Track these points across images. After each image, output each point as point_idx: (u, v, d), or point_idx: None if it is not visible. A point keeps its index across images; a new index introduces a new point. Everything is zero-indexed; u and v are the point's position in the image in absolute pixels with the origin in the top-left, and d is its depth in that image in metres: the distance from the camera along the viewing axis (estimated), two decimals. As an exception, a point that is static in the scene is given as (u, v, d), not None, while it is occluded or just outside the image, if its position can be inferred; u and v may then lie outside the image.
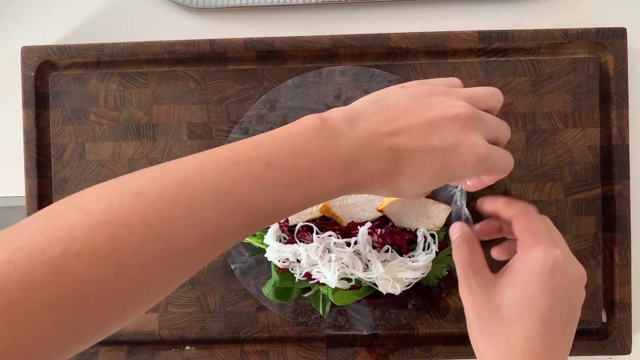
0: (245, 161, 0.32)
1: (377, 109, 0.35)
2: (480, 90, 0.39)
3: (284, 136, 0.34)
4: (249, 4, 0.52)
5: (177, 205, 0.30)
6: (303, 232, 0.47)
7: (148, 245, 0.29)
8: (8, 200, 0.55)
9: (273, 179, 0.32)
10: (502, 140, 0.39)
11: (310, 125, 0.34)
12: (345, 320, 0.51)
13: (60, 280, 0.27)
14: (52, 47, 0.51)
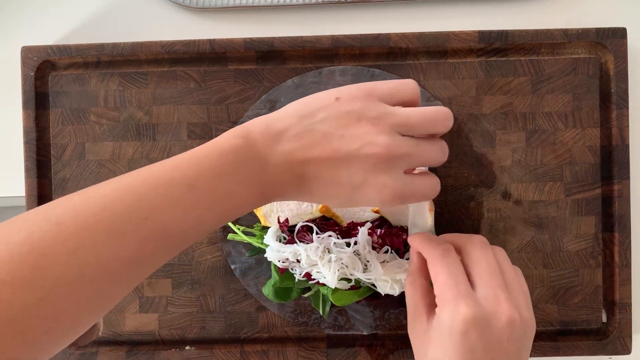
0: (163, 184, 0.33)
1: (299, 130, 0.36)
2: (418, 117, 0.37)
3: (204, 157, 0.34)
4: (249, 4, 0.52)
5: (97, 233, 0.31)
6: (303, 232, 0.47)
7: (71, 272, 0.30)
8: (8, 200, 0.55)
9: (192, 203, 0.33)
10: (433, 164, 0.38)
11: (231, 148, 0.35)
12: (345, 320, 0.51)
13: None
14: (52, 47, 0.51)
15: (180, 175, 0.33)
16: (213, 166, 0.34)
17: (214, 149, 0.35)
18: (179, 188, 0.33)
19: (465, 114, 0.51)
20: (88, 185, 0.51)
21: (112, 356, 0.51)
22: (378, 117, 0.35)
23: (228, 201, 0.35)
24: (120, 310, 0.51)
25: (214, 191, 0.34)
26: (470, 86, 0.51)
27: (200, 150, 0.35)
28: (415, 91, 0.38)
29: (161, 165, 0.34)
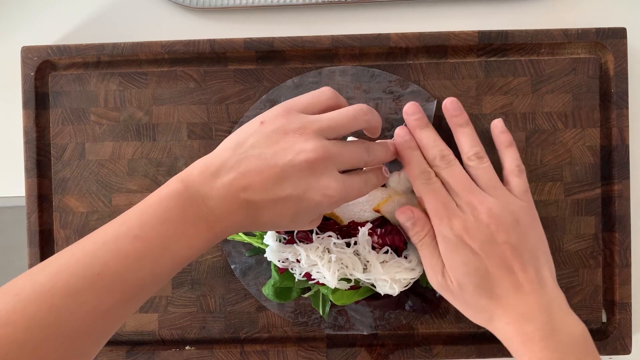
0: (112, 239, 0.34)
1: (235, 160, 0.37)
2: (340, 118, 0.40)
3: (148, 207, 0.36)
4: (249, 4, 0.52)
5: (55, 295, 0.32)
6: (303, 232, 0.47)
7: (33, 336, 0.31)
8: (8, 200, 0.55)
9: (142, 251, 0.34)
10: (373, 162, 0.43)
11: (171, 193, 0.36)
12: (345, 320, 0.51)
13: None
14: (52, 47, 0.51)
15: (127, 228, 0.35)
16: (157, 214, 0.35)
17: (156, 198, 0.36)
18: (126, 240, 0.34)
19: (465, 114, 0.51)
20: (88, 185, 0.51)
21: (112, 356, 0.51)
22: (302, 127, 0.38)
23: (178, 243, 0.36)
24: (120, 310, 0.51)
25: (161, 237, 0.35)
26: (470, 86, 0.51)
27: (144, 202, 0.37)
28: (332, 96, 0.41)
29: (110, 223, 0.36)
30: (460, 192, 0.44)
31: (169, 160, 0.51)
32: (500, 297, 0.42)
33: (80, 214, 0.51)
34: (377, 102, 0.50)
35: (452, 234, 0.43)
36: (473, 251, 0.42)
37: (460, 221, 0.43)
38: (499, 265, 0.42)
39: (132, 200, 0.51)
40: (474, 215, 0.43)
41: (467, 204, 0.43)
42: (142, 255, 0.34)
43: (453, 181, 0.44)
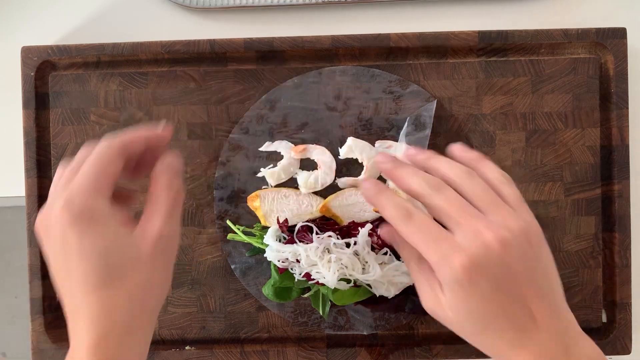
0: None
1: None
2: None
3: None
4: (249, 4, 0.52)
5: None
6: (303, 232, 0.47)
7: None
8: (8, 200, 0.55)
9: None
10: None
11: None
12: (345, 320, 0.51)
13: None
14: (52, 47, 0.51)
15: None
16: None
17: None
18: None
19: (465, 114, 0.51)
20: (88, 185, 0.51)
21: (112, 356, 0.51)
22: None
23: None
24: (120, 310, 0.51)
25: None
26: (470, 86, 0.51)
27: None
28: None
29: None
30: (459, 217, 0.35)
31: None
32: (513, 339, 0.35)
33: (80, 214, 0.51)
34: (377, 102, 0.50)
35: (455, 276, 0.34)
36: (482, 294, 0.35)
37: (464, 257, 0.34)
38: (514, 301, 0.35)
39: (132, 200, 0.51)
40: (483, 246, 0.34)
41: (470, 232, 0.35)
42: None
43: (448, 207, 0.36)
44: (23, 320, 0.53)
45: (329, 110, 0.50)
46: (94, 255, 0.35)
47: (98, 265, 0.35)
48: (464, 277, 0.34)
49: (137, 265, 0.36)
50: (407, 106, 0.50)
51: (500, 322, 0.35)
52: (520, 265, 0.35)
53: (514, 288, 0.35)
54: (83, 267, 0.34)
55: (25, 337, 0.52)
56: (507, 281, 0.35)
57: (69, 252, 0.35)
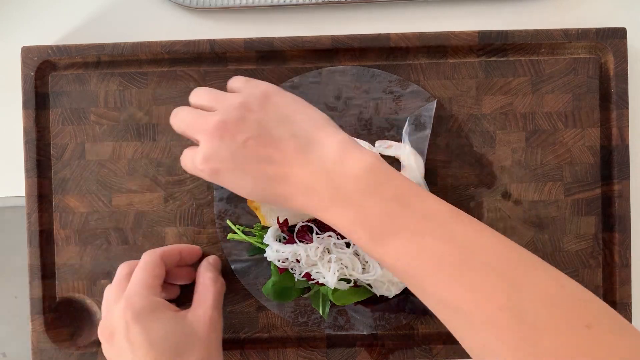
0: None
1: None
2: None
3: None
4: (249, 4, 0.52)
5: None
6: (303, 232, 0.47)
7: None
8: (8, 200, 0.55)
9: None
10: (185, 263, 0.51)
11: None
12: (345, 320, 0.51)
13: None
14: (52, 47, 0.51)
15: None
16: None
17: None
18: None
19: (465, 114, 0.51)
20: (88, 185, 0.51)
21: (112, 356, 0.51)
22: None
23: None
24: (120, 310, 0.51)
25: None
26: (470, 86, 0.51)
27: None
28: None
29: None
30: (194, 124, 0.41)
31: (169, 160, 0.51)
32: (279, 194, 0.39)
33: (80, 214, 0.51)
34: (377, 102, 0.50)
35: (199, 169, 0.40)
36: (230, 178, 0.40)
37: (200, 156, 0.40)
38: (260, 165, 0.39)
39: (132, 200, 0.51)
40: (208, 139, 0.40)
41: (200, 134, 0.40)
42: None
43: (188, 122, 0.42)
44: (23, 320, 0.53)
45: (329, 110, 0.50)
46: (160, 341, 0.41)
47: (164, 349, 0.41)
48: (209, 173, 0.40)
49: (196, 343, 0.42)
50: (407, 106, 0.50)
51: (263, 187, 0.39)
52: (244, 132, 0.39)
53: (249, 154, 0.39)
54: (152, 354, 0.40)
55: (25, 337, 0.52)
56: (239, 152, 0.39)
57: (135, 345, 0.40)
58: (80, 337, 0.52)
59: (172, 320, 0.42)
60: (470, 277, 0.34)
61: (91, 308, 0.52)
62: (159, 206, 0.51)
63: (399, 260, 0.35)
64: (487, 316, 0.32)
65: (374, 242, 0.36)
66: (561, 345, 0.31)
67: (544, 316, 0.32)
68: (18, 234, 0.54)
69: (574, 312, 0.32)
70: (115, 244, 0.51)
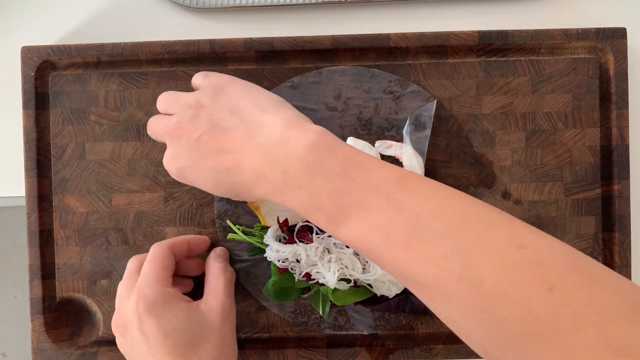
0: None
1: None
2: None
3: None
4: (249, 4, 0.52)
5: None
6: (303, 232, 0.47)
7: None
8: (8, 200, 0.55)
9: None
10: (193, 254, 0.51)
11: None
12: (345, 320, 0.51)
13: None
14: (52, 47, 0.51)
15: None
16: None
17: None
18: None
19: (465, 114, 0.51)
20: (88, 185, 0.51)
21: (112, 356, 0.51)
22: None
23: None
24: (120, 310, 0.51)
25: None
26: (470, 86, 0.51)
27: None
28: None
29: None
30: (159, 128, 0.43)
31: (169, 160, 0.51)
32: (239, 184, 0.39)
33: (80, 214, 0.51)
34: (377, 102, 0.50)
35: (171, 172, 0.43)
36: (192, 174, 0.41)
37: (166, 155, 0.42)
38: (216, 155, 0.39)
39: (132, 200, 0.51)
40: (168, 138, 0.42)
41: (162, 136, 0.43)
42: None
43: (157, 130, 0.44)
44: (23, 320, 0.53)
45: (329, 110, 0.50)
46: (174, 332, 0.40)
47: (179, 339, 0.40)
48: (175, 172, 0.42)
49: (210, 333, 0.42)
50: (407, 106, 0.50)
51: (224, 178, 0.39)
52: (197, 129, 0.40)
53: (205, 148, 0.39)
54: (167, 345, 0.40)
55: (25, 337, 0.52)
56: (196, 148, 0.40)
57: (150, 337, 0.40)
58: (80, 337, 0.52)
59: (185, 310, 0.42)
60: (421, 248, 0.31)
61: (91, 308, 0.52)
62: (159, 206, 0.51)
63: (355, 238, 0.35)
64: (445, 289, 0.31)
65: (331, 223, 0.35)
66: (520, 316, 0.28)
67: (500, 284, 0.29)
68: (18, 234, 0.54)
69: (534, 275, 0.28)
70: (115, 244, 0.51)
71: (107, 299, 0.51)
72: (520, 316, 0.28)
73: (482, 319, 0.30)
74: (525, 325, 0.28)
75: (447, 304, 0.31)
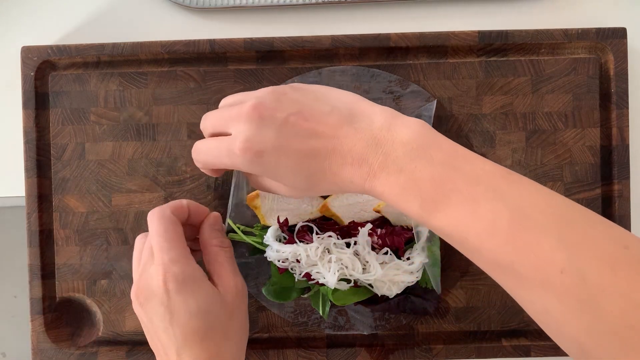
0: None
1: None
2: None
3: None
4: (249, 4, 0.52)
5: None
6: (303, 232, 0.47)
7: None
8: (8, 200, 0.55)
9: None
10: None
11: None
12: (345, 320, 0.51)
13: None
14: (52, 47, 0.51)
15: None
16: None
17: None
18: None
19: (465, 114, 0.51)
20: (88, 185, 0.51)
21: (112, 356, 0.51)
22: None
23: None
24: (120, 310, 0.51)
25: None
26: (470, 86, 0.51)
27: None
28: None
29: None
30: (219, 128, 0.40)
31: (169, 160, 0.51)
32: (331, 165, 0.37)
33: (80, 214, 0.51)
34: (377, 102, 0.50)
35: (244, 160, 0.38)
36: (275, 157, 0.37)
37: (239, 142, 0.37)
38: (307, 140, 0.37)
39: (132, 200, 0.51)
40: (244, 122, 0.37)
41: (230, 124, 0.39)
42: None
43: (209, 136, 0.41)
44: (23, 320, 0.53)
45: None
46: (200, 313, 0.40)
47: (203, 320, 0.40)
48: (253, 157, 0.37)
49: (228, 316, 0.42)
50: (407, 106, 0.50)
51: (309, 163, 0.37)
52: (284, 109, 0.37)
53: (293, 130, 0.37)
54: (191, 325, 0.40)
55: (25, 337, 0.52)
56: (283, 130, 0.37)
57: (175, 314, 0.40)
58: (80, 337, 0.52)
59: (210, 292, 0.41)
60: (526, 239, 0.32)
61: (91, 308, 0.52)
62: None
63: (452, 225, 0.34)
64: (547, 279, 0.31)
65: (426, 208, 0.35)
66: (626, 308, 0.29)
67: (606, 278, 0.30)
68: (18, 234, 0.54)
69: (638, 275, 0.30)
70: (115, 244, 0.51)
71: (107, 299, 0.51)
72: (626, 309, 0.29)
73: (583, 310, 0.30)
74: (629, 318, 0.29)
75: (545, 294, 0.32)
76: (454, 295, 0.51)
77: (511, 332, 0.51)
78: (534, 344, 0.50)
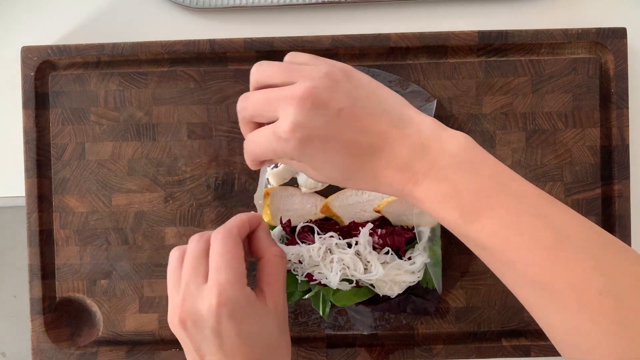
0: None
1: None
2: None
3: None
4: (249, 4, 0.52)
5: None
6: (304, 233, 0.47)
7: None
8: (8, 200, 0.55)
9: None
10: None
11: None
12: (345, 320, 0.51)
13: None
14: (52, 47, 0.51)
15: None
16: None
17: None
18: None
19: (465, 114, 0.51)
20: (88, 185, 0.51)
21: (112, 356, 0.51)
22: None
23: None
24: (120, 310, 0.51)
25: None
26: (470, 86, 0.51)
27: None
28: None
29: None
30: (270, 101, 0.37)
31: (169, 160, 0.51)
32: (373, 167, 0.37)
33: (80, 214, 0.51)
34: (377, 102, 0.50)
35: (290, 147, 0.36)
36: (321, 145, 0.36)
37: (287, 124, 0.36)
38: (351, 135, 0.36)
39: (132, 200, 0.51)
40: (296, 105, 0.36)
41: (282, 102, 0.37)
42: None
43: (259, 103, 0.38)
44: (23, 320, 0.53)
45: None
46: (251, 338, 0.39)
47: (257, 346, 0.39)
48: (297, 143, 0.36)
49: (278, 332, 0.41)
50: (407, 106, 0.50)
51: (352, 160, 0.37)
52: (337, 101, 0.36)
53: (343, 123, 0.36)
54: (243, 351, 0.38)
55: (25, 337, 0.52)
56: (333, 121, 0.36)
57: (225, 340, 0.38)
58: (80, 337, 0.52)
59: (262, 313, 0.40)
60: (565, 259, 0.33)
61: (91, 308, 0.52)
62: (159, 206, 0.51)
63: (490, 235, 0.35)
64: (584, 299, 0.32)
65: (466, 217, 0.35)
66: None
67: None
68: (18, 234, 0.54)
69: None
70: (115, 244, 0.51)
71: (107, 299, 0.51)
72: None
73: (619, 334, 0.31)
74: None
75: (580, 314, 0.32)
76: (454, 296, 0.51)
77: (511, 332, 0.51)
78: (534, 344, 0.50)
